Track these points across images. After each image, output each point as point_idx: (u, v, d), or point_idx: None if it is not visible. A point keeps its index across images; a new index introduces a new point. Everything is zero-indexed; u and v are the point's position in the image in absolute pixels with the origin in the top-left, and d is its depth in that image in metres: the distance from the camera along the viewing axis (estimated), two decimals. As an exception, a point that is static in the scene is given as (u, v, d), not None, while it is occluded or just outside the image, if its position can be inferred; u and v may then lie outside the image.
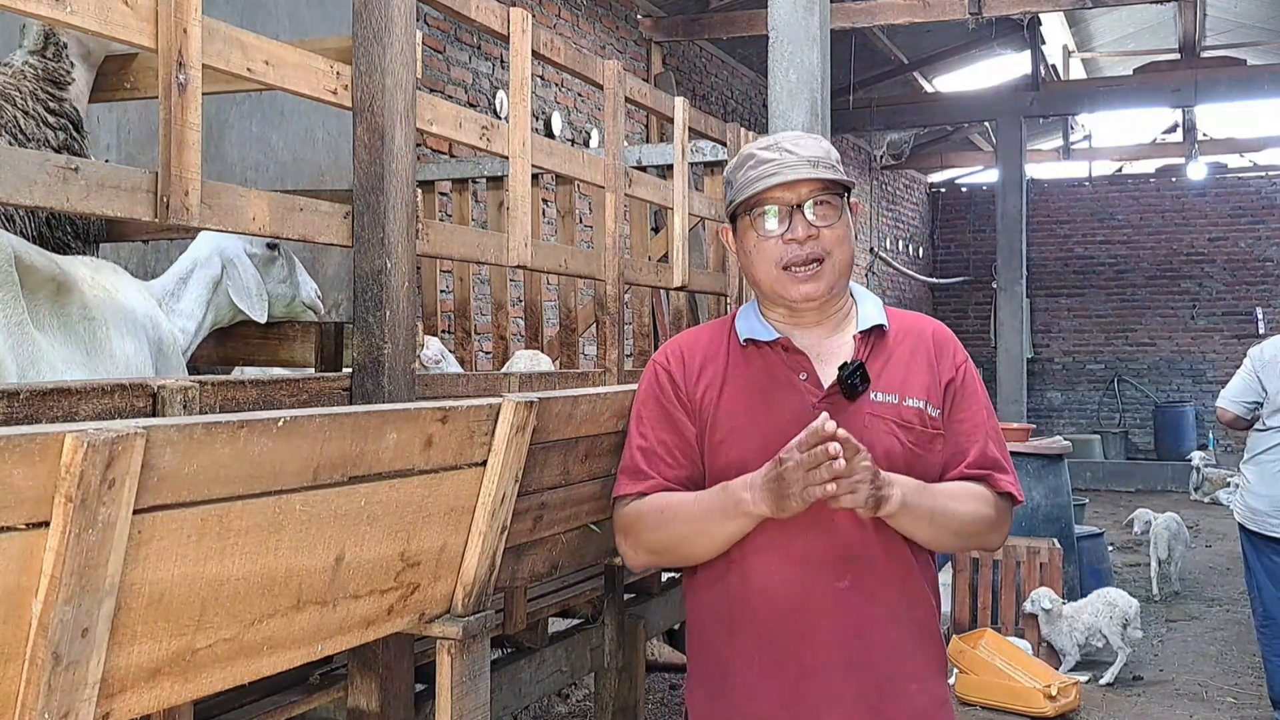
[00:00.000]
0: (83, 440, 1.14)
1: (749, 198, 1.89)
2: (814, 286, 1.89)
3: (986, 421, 1.95)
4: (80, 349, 2.42)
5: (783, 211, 1.88)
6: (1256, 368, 4.83)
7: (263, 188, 2.82)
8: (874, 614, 1.86)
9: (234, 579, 1.41)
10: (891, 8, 8.40)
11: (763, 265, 1.92)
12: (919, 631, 1.92)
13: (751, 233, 1.92)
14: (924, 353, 1.95)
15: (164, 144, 1.96)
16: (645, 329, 4.91)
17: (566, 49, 3.39)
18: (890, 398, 1.89)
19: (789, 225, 1.88)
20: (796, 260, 1.88)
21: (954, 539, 1.93)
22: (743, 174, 1.91)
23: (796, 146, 1.90)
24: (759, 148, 1.93)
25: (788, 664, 1.86)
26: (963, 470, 1.91)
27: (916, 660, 1.90)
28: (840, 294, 1.96)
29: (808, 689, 1.85)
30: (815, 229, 1.87)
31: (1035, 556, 6.11)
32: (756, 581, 1.87)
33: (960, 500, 1.88)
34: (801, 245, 1.88)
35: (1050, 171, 16.58)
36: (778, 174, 1.87)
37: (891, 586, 1.88)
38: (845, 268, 1.92)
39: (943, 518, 1.85)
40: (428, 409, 1.69)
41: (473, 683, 1.90)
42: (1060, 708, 5.08)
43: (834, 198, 1.89)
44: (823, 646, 1.85)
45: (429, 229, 2.62)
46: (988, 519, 1.91)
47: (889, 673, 1.86)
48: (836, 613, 1.85)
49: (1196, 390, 15.74)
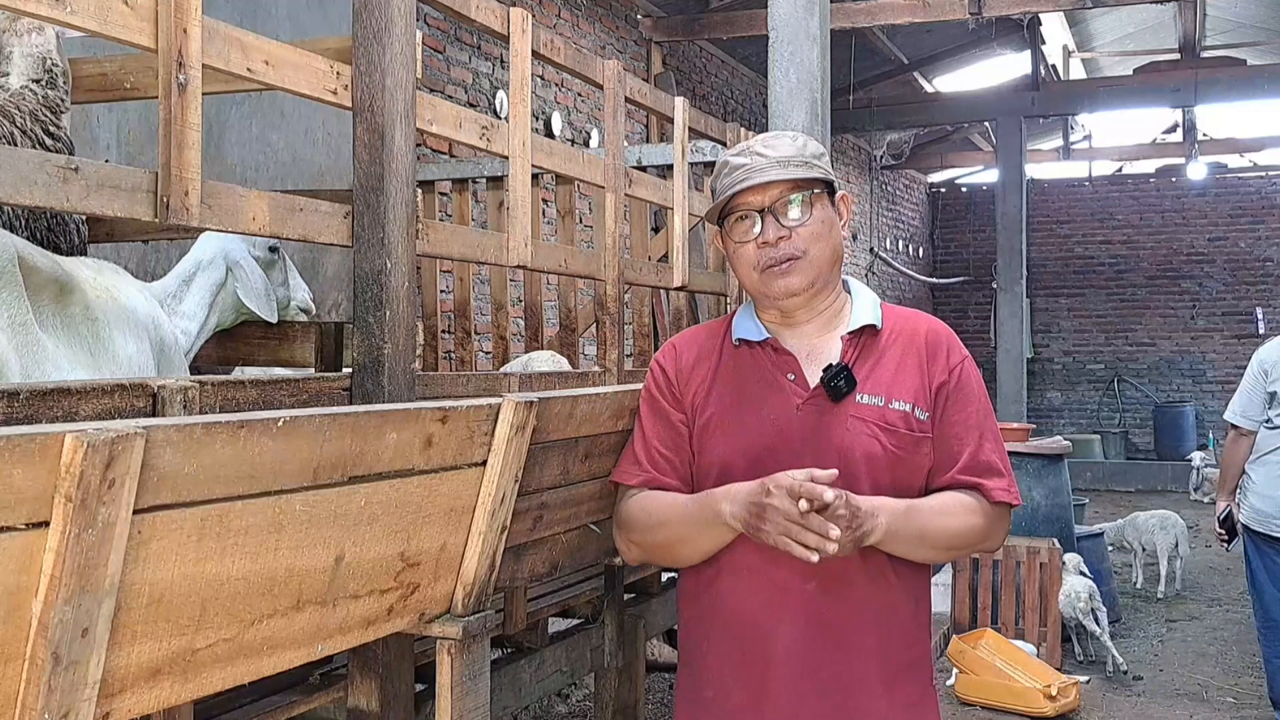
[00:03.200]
0: (83, 440, 1.14)
1: (723, 205, 1.93)
2: (793, 280, 1.90)
3: (981, 424, 1.93)
4: (84, 350, 2.43)
5: (754, 216, 1.90)
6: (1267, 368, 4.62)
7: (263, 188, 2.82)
8: (840, 615, 1.86)
9: (234, 579, 1.41)
10: (891, 8, 8.40)
11: (743, 270, 1.95)
12: (891, 635, 1.90)
13: (730, 239, 1.95)
14: (915, 354, 1.93)
15: (164, 144, 1.96)
16: (645, 329, 4.91)
17: (566, 49, 3.39)
18: (876, 400, 1.88)
19: (761, 228, 1.90)
20: (772, 261, 1.90)
21: (946, 553, 1.94)
22: (719, 182, 1.94)
23: (768, 149, 1.91)
24: (732, 154, 1.95)
25: (755, 661, 1.88)
26: (954, 476, 1.89)
27: (886, 663, 1.89)
28: (827, 290, 1.96)
29: (774, 686, 1.87)
30: (786, 230, 1.88)
31: (1035, 556, 6.11)
32: (729, 578, 1.90)
33: (949, 515, 1.87)
34: (775, 247, 1.89)
35: (1050, 171, 16.58)
36: (746, 179, 1.89)
37: (861, 592, 1.87)
38: (825, 263, 1.92)
39: (933, 536, 1.85)
40: (428, 409, 1.69)
41: (473, 683, 1.90)
42: (1060, 708, 5.08)
43: (809, 195, 1.89)
44: (787, 645, 1.86)
45: (429, 229, 2.62)
46: (979, 530, 1.89)
47: (857, 675, 1.87)
48: (800, 615, 1.86)
49: (1196, 390, 15.74)
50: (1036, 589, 6.07)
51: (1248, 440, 4.67)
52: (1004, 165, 12.02)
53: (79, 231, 2.89)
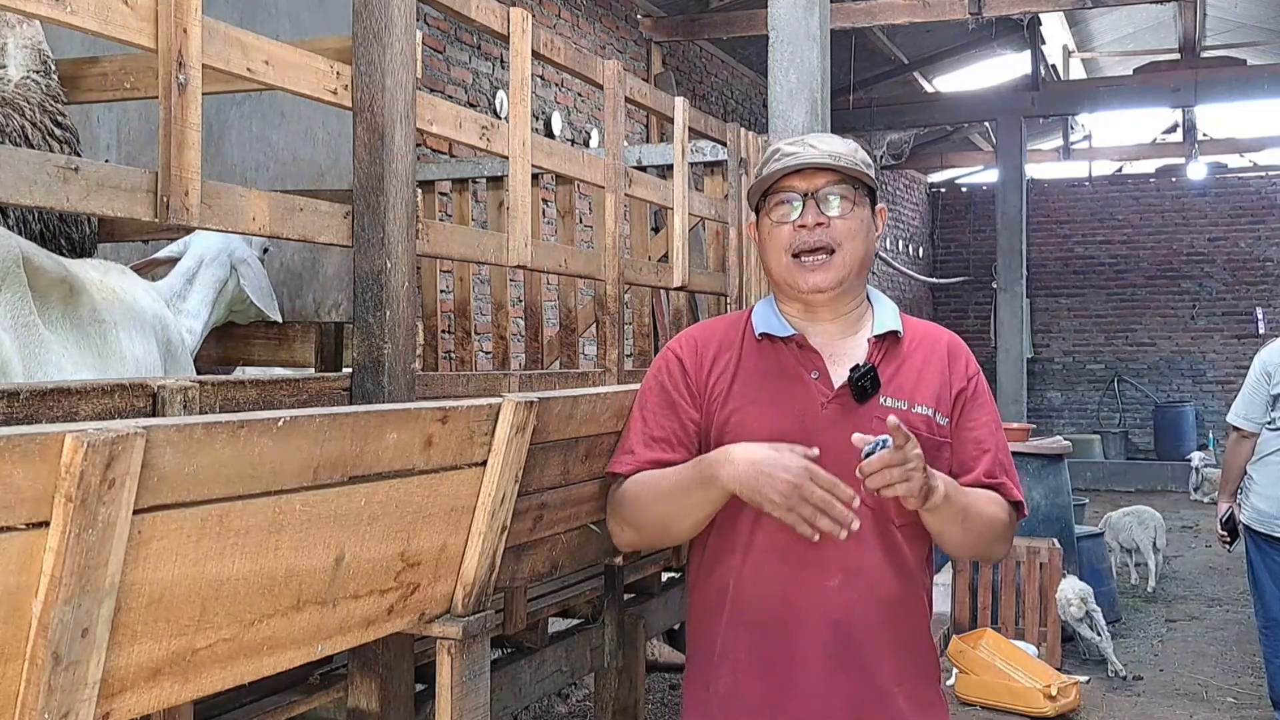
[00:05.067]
0: (83, 440, 1.14)
1: (767, 185, 1.94)
2: (822, 277, 1.91)
3: (995, 434, 1.98)
4: (91, 351, 2.43)
5: (797, 199, 1.91)
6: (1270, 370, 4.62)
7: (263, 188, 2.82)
8: (862, 615, 1.87)
9: (234, 579, 1.41)
10: (891, 8, 8.40)
11: (774, 252, 1.95)
12: (909, 635, 1.93)
13: (767, 220, 1.96)
14: (937, 361, 1.97)
15: (164, 144, 1.96)
16: (645, 329, 4.90)
17: (566, 49, 3.39)
18: (899, 403, 1.90)
19: (801, 212, 1.91)
20: (805, 247, 1.91)
21: (977, 541, 1.95)
22: (767, 166, 1.95)
23: (821, 143, 1.94)
24: (786, 142, 1.98)
25: (776, 659, 1.88)
26: (978, 478, 1.94)
27: (904, 663, 1.91)
28: (853, 292, 1.97)
29: (794, 686, 1.87)
30: (826, 218, 1.90)
31: (1035, 556, 6.11)
32: (750, 576, 1.90)
33: (985, 502, 1.92)
34: (811, 232, 1.90)
35: (1050, 171, 16.58)
36: (797, 161, 1.91)
37: (882, 589, 1.89)
38: (857, 263, 1.93)
39: (973, 517, 1.88)
40: (428, 409, 1.69)
41: (473, 683, 1.90)
42: (1060, 708, 5.08)
43: (852, 191, 1.91)
44: (808, 644, 1.86)
45: (429, 229, 2.62)
46: (1001, 525, 1.94)
47: (875, 674, 1.88)
48: (824, 611, 1.86)
49: (1196, 390, 15.73)
50: (1036, 589, 6.07)
51: (1249, 442, 4.67)
52: (1004, 165, 12.01)
53: (90, 221, 2.89)
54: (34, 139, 2.65)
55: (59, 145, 2.73)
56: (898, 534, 1.91)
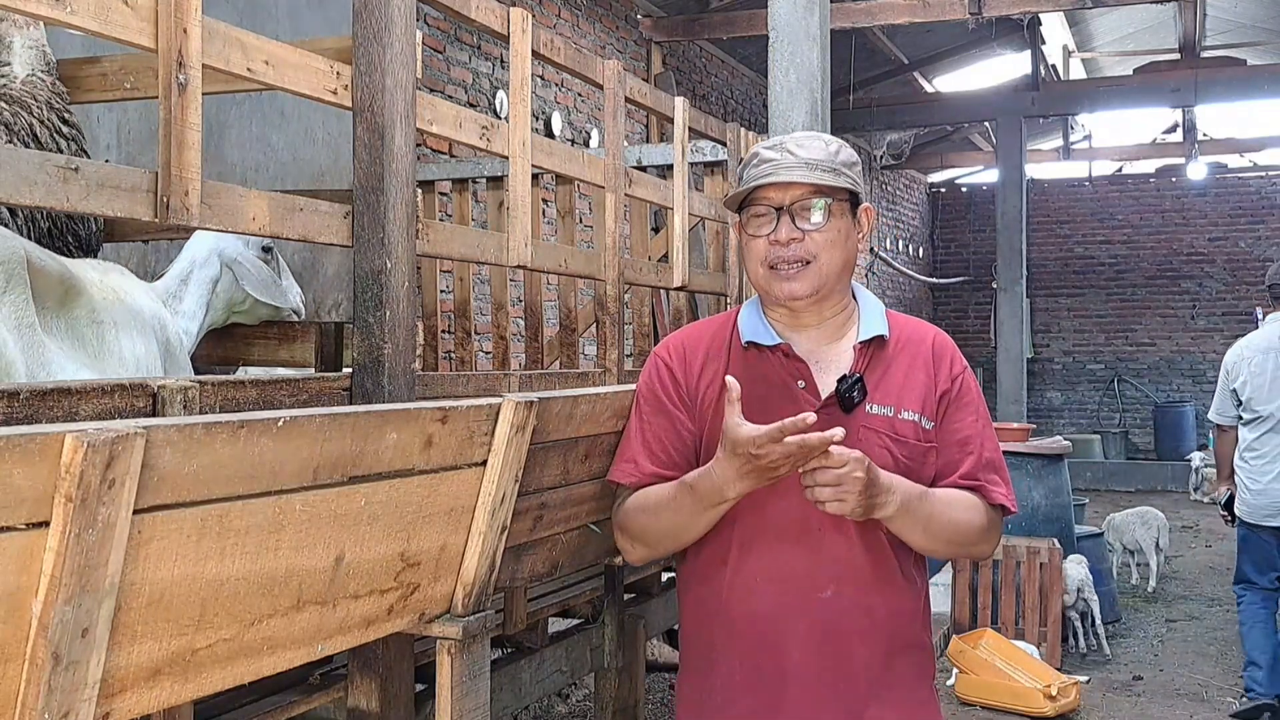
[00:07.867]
0: (83, 440, 1.14)
1: (743, 196, 1.92)
2: (797, 285, 1.89)
3: (981, 432, 1.96)
4: (87, 353, 2.43)
5: (772, 212, 1.89)
6: (1229, 368, 5.23)
7: (263, 188, 2.82)
8: (855, 624, 1.87)
9: (234, 579, 1.41)
10: (891, 8, 8.39)
11: (751, 263, 1.95)
12: (904, 644, 1.92)
13: (745, 230, 1.94)
14: (922, 363, 1.95)
15: (164, 144, 1.96)
16: (645, 329, 4.91)
17: (566, 49, 3.39)
18: (885, 410, 1.89)
19: (775, 226, 1.89)
20: (780, 260, 1.89)
21: (946, 546, 1.95)
22: (747, 171, 1.93)
23: (799, 148, 1.89)
24: (765, 146, 1.94)
25: (768, 669, 1.88)
26: (956, 480, 1.92)
27: (899, 672, 1.91)
28: (835, 296, 1.95)
29: (787, 694, 1.87)
30: (800, 232, 1.87)
31: (1035, 556, 6.11)
32: (743, 586, 1.90)
33: (956, 508, 1.90)
34: (785, 247, 1.88)
35: (1050, 171, 16.58)
36: (771, 174, 1.88)
37: (875, 598, 1.88)
38: (835, 272, 1.91)
39: (937, 525, 1.87)
40: (428, 409, 1.69)
41: (473, 683, 1.90)
42: (1060, 708, 5.08)
43: (829, 202, 1.88)
44: (801, 654, 1.86)
45: (429, 229, 2.62)
46: (980, 528, 1.92)
47: (868, 683, 1.88)
48: (816, 621, 1.86)
49: (1196, 390, 15.73)
50: (1036, 589, 6.07)
51: (1230, 434, 5.32)
52: (1004, 165, 12.01)
53: (95, 219, 2.90)
54: (42, 136, 2.66)
55: (66, 143, 2.74)
56: (887, 541, 1.90)
